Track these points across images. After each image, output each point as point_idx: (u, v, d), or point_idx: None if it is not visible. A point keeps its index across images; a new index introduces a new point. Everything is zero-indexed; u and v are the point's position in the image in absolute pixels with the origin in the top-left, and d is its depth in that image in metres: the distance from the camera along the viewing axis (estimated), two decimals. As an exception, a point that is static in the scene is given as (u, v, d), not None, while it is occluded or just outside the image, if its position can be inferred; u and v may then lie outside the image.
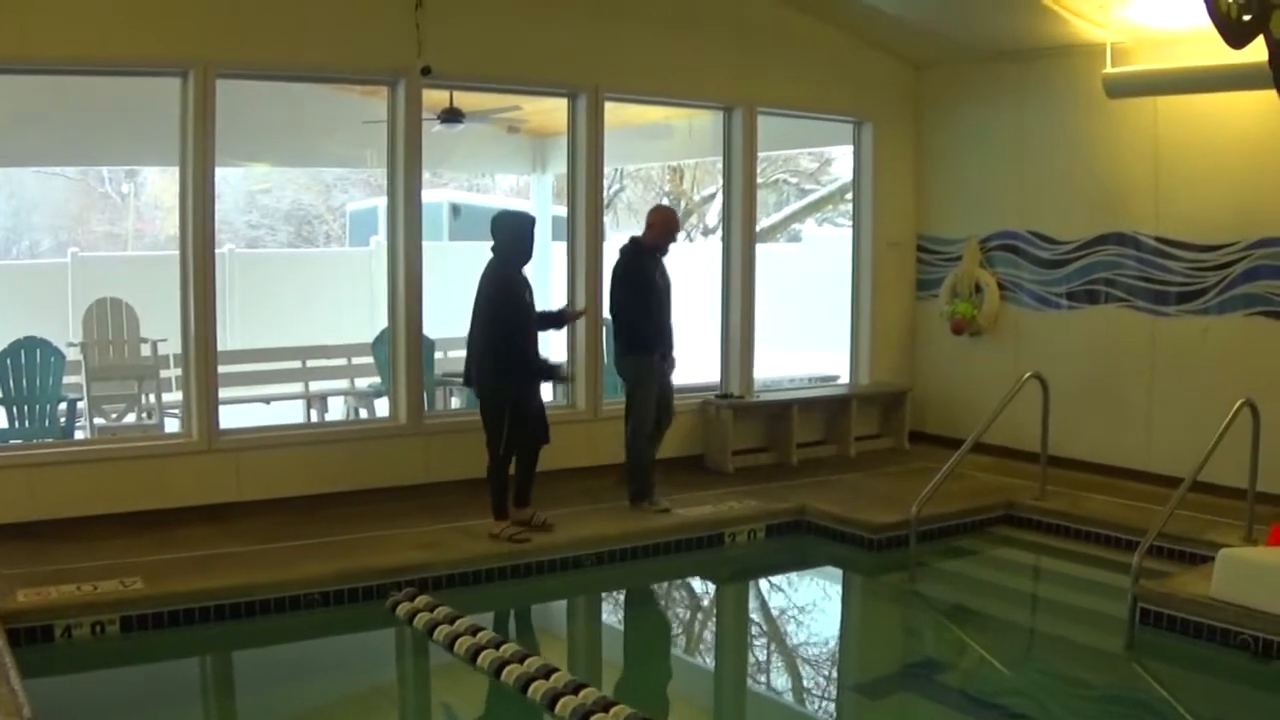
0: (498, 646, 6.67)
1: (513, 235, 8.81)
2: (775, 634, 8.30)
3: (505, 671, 6.37)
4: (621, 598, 8.94)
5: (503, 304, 8.66)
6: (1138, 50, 10.25)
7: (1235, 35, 6.88)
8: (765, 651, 8.03)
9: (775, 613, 8.83)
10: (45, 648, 6.77)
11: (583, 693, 5.98)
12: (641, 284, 9.47)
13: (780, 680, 7.48)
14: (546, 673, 6.27)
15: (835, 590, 9.53)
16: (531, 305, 8.83)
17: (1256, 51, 7.51)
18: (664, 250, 9.58)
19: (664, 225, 9.65)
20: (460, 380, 12.54)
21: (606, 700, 5.91)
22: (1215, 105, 9.85)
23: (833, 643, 8.30)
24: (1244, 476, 8.52)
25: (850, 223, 12.96)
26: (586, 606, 8.80)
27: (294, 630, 7.42)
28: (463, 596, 7.81)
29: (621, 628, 8.57)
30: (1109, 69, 10.11)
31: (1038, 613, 8.76)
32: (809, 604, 9.10)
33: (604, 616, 8.77)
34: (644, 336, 9.48)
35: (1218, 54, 8.66)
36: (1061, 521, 9.66)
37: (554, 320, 9.47)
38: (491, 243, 8.83)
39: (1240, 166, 9.87)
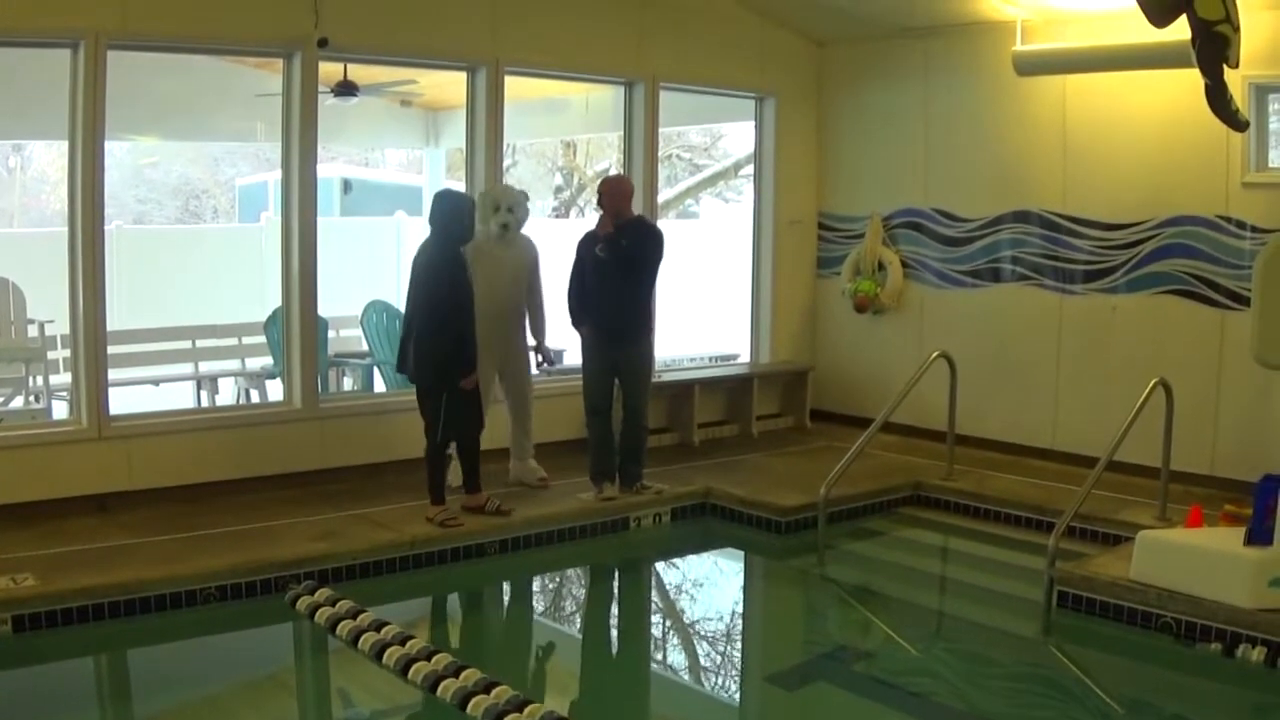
0: (403, 643, 6.44)
1: (454, 214, 8.61)
2: (682, 622, 8.16)
3: (413, 670, 6.14)
4: (526, 586, 8.75)
5: (440, 284, 8.44)
6: (1046, 28, 10.19)
7: (1158, 14, 6.83)
8: (672, 640, 7.89)
9: (682, 600, 8.68)
10: (-67, 652, 6.45)
11: (495, 691, 5.78)
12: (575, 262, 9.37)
13: (689, 670, 7.32)
14: (456, 670, 6.04)
15: (743, 575, 9.42)
16: (469, 285, 8.56)
17: (1170, 32, 7.50)
18: (610, 221, 9.22)
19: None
20: (362, 360, 12.44)
21: (520, 699, 5.72)
22: (1125, 84, 9.81)
23: (742, 630, 8.15)
24: (1149, 454, 8.59)
25: (743, 198, 12.81)
26: (491, 596, 8.60)
27: (191, 627, 7.10)
28: (365, 588, 7.56)
29: (527, 619, 8.34)
30: (1019, 46, 10.07)
31: (951, 596, 8.68)
32: (716, 590, 8.99)
33: (509, 607, 8.57)
34: (570, 311, 9.40)
35: (1128, 32, 8.68)
36: (970, 501, 9.63)
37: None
38: (430, 222, 8.68)
39: (1150, 145, 9.86)
